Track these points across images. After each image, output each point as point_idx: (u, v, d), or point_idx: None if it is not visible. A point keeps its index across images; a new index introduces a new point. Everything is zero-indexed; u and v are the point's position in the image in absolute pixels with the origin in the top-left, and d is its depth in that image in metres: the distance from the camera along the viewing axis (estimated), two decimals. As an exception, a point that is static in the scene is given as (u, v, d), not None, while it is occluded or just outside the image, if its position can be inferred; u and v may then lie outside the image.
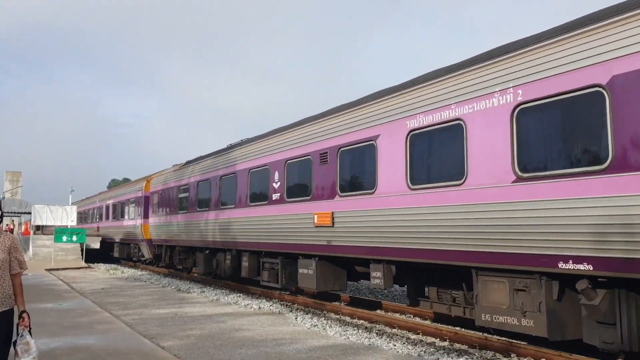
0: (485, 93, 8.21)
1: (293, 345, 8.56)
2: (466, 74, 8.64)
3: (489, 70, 8.21)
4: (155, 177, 26.52)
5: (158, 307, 13.00)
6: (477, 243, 8.11)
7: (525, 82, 7.57)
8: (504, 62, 8.01)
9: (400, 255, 9.74)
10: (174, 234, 22.03)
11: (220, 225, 17.20)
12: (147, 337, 9.14)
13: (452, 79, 8.86)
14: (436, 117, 9.04)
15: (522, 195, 7.45)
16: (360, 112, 11.03)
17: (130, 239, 30.28)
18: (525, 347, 8.13)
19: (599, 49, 6.67)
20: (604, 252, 6.46)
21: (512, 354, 8.13)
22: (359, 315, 11.86)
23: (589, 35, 6.83)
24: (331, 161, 11.72)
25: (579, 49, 6.90)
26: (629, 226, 6.20)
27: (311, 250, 12.39)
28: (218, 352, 8.07)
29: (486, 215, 7.96)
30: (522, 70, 7.63)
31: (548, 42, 7.36)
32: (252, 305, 13.37)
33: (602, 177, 6.51)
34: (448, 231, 8.60)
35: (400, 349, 8.52)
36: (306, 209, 12.49)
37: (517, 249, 7.48)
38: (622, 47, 6.43)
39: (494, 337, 8.81)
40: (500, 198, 7.79)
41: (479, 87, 8.33)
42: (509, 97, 7.81)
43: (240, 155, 16.35)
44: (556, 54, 7.19)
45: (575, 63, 6.93)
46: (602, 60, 6.62)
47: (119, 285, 18.76)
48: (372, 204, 10.34)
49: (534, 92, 7.44)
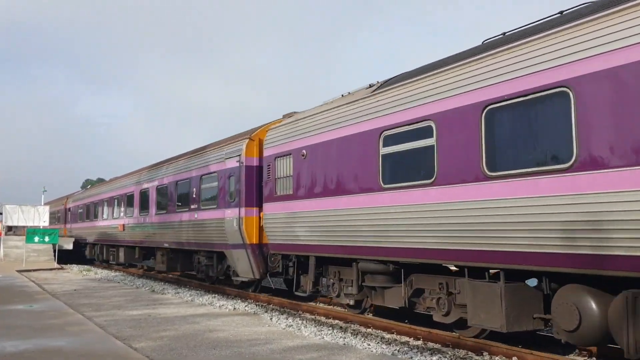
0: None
1: (267, 346, 8.54)
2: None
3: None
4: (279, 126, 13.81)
5: (131, 309, 12.86)
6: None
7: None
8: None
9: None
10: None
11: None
12: (120, 338, 9.03)
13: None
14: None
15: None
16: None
17: (203, 243, 17.49)
18: (498, 345, 8.24)
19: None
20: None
21: (485, 352, 8.22)
22: (334, 315, 11.89)
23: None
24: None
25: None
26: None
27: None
28: (191, 353, 8.02)
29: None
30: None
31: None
32: (227, 306, 13.31)
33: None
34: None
35: (374, 348, 8.56)
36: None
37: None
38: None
39: (467, 336, 8.91)
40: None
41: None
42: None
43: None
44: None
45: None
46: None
47: (91, 287, 18.51)
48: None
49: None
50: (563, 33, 6.89)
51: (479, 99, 7.92)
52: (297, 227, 12.27)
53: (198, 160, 18.27)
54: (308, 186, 11.95)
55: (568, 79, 6.71)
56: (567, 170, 6.66)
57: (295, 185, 12.44)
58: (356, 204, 10.31)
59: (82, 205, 34.77)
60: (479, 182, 7.84)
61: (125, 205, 25.76)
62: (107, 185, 30.83)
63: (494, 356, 8.05)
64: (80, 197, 36.26)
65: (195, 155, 18.87)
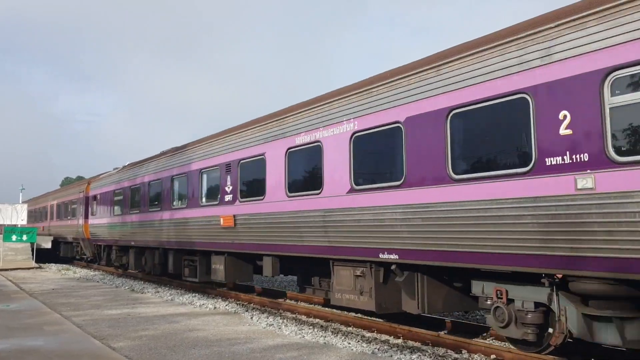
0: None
1: (248, 345, 8.52)
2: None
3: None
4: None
5: (110, 308, 12.74)
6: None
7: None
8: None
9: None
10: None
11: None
12: (98, 338, 8.95)
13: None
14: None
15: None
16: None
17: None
18: (476, 343, 8.32)
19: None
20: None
21: (464, 350, 8.29)
22: (314, 314, 11.89)
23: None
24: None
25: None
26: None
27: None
28: (171, 353, 7.96)
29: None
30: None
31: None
32: (208, 305, 13.25)
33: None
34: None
35: (354, 347, 8.59)
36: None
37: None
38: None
39: (446, 334, 8.97)
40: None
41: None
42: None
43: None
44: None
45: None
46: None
47: (70, 286, 18.30)
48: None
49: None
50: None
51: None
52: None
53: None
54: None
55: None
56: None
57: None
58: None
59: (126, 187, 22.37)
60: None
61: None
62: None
63: (472, 354, 8.13)
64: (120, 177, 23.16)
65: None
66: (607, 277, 6.08)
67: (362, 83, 9.85)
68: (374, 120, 9.25)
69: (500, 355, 7.83)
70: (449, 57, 7.98)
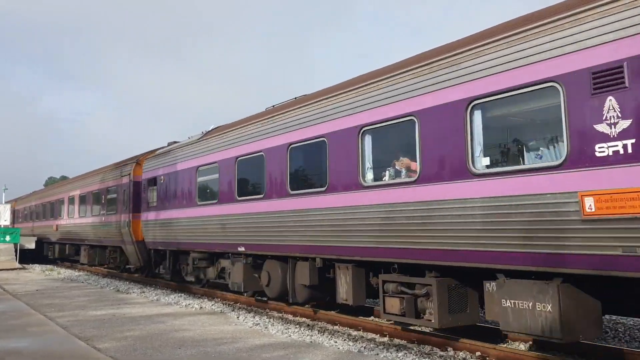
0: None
1: (234, 345, 8.50)
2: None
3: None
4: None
5: (95, 309, 12.64)
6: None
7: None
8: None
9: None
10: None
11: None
12: (83, 339, 8.87)
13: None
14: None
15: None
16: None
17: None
18: (462, 341, 8.37)
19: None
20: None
21: (449, 348, 8.34)
22: (301, 313, 11.89)
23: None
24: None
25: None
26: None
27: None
28: (156, 353, 7.92)
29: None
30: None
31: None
32: (194, 305, 13.19)
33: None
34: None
35: (341, 345, 8.60)
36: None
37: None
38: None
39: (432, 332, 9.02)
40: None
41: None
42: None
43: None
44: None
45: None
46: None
47: (54, 287, 18.12)
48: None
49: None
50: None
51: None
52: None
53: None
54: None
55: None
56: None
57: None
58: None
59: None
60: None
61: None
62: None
63: (458, 351, 8.17)
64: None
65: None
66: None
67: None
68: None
69: (485, 352, 7.89)
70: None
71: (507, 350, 7.69)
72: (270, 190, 11.72)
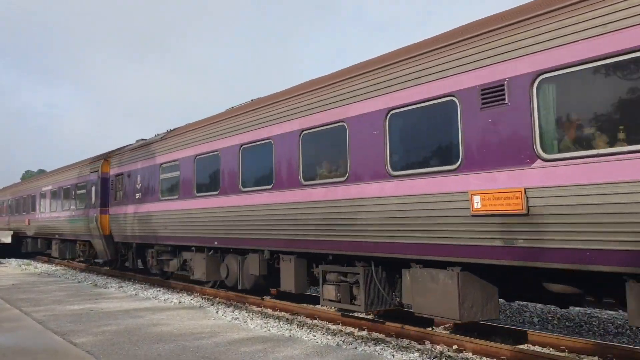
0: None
1: (212, 339, 8.48)
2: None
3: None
4: None
5: (72, 303, 12.51)
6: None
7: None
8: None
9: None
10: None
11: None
12: (59, 334, 8.78)
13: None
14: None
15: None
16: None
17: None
18: (439, 334, 8.46)
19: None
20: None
21: (427, 341, 8.42)
22: (280, 307, 11.90)
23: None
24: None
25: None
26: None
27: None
28: (134, 348, 7.88)
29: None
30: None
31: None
32: (172, 300, 13.13)
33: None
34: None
35: (319, 339, 8.63)
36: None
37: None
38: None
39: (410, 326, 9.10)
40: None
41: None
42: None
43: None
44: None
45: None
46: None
47: (31, 281, 17.89)
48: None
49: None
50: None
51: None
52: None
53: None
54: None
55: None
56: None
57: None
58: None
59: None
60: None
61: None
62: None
63: (435, 345, 8.26)
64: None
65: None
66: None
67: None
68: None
69: (462, 345, 7.98)
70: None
71: (483, 344, 7.79)
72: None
